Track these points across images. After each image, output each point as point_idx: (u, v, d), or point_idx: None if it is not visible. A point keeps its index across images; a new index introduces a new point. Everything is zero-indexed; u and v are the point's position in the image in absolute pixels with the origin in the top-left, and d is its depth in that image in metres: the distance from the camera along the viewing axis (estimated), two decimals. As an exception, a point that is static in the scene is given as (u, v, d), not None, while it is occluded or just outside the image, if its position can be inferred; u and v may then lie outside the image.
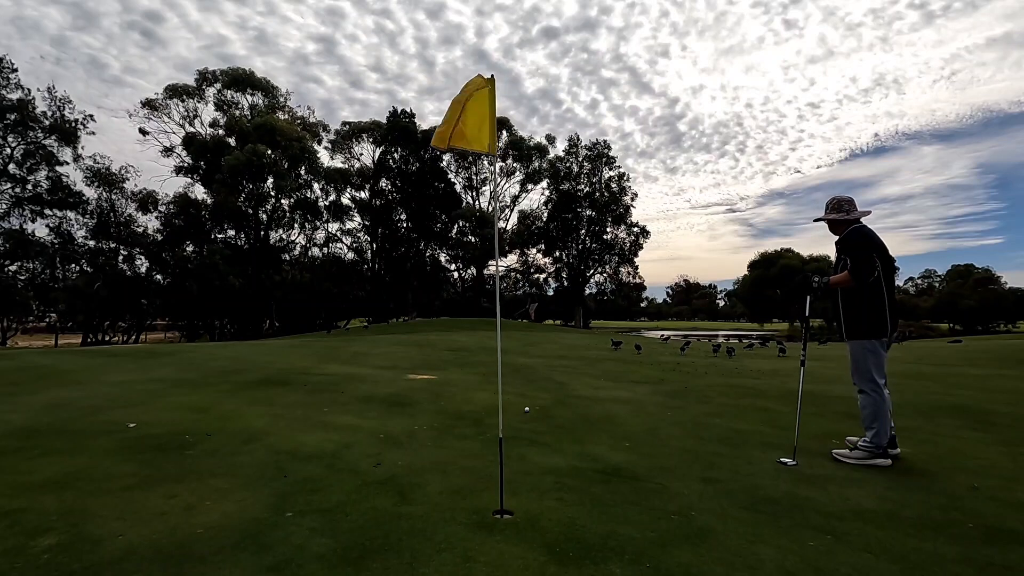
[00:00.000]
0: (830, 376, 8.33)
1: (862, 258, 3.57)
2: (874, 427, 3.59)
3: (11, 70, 29.18)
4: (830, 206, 3.91)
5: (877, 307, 3.60)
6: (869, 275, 3.55)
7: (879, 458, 3.57)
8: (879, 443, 3.57)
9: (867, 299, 3.61)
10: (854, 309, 3.67)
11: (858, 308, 3.65)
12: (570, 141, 47.40)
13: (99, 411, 4.84)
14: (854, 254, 3.61)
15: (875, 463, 3.57)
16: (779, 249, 61.95)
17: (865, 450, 3.61)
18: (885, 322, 3.61)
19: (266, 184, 37.41)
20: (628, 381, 7.82)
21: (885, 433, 3.59)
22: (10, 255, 30.04)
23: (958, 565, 2.20)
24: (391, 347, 12.96)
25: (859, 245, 3.62)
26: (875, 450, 3.58)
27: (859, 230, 3.72)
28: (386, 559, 2.15)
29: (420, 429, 4.46)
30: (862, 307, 3.63)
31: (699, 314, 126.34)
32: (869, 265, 3.55)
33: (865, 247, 3.60)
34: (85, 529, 2.39)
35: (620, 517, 2.62)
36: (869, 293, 3.60)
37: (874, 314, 3.61)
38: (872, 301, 3.61)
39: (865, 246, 3.60)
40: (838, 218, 3.84)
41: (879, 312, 3.60)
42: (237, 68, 38.73)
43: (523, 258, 49.17)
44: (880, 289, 3.60)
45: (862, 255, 3.57)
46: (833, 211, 3.88)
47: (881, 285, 3.60)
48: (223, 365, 8.34)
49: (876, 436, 3.58)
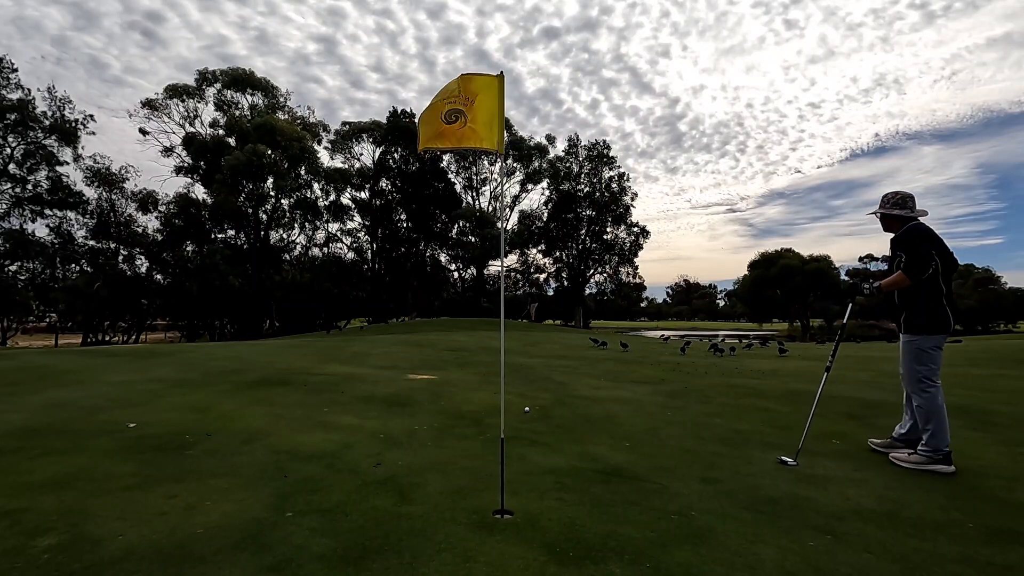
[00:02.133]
0: (830, 376, 8.31)
1: (918, 254, 3.46)
2: (929, 428, 3.43)
3: (11, 70, 29.22)
4: (891, 201, 3.72)
5: (935, 303, 3.49)
6: (923, 271, 3.44)
7: (939, 464, 3.38)
8: (936, 446, 3.40)
9: (924, 295, 3.50)
10: (912, 305, 3.56)
11: (916, 304, 3.54)
12: (570, 141, 47.48)
13: (99, 411, 4.84)
14: (910, 250, 3.50)
15: (934, 469, 3.37)
16: (779, 249, 61.85)
17: (923, 455, 3.45)
18: (946, 318, 3.48)
19: (266, 184, 37.44)
20: (628, 381, 7.82)
21: (944, 435, 3.41)
22: (10, 255, 30.05)
23: (958, 565, 2.20)
24: (391, 347, 12.95)
25: (916, 241, 3.50)
26: (933, 454, 3.40)
27: (916, 227, 3.60)
28: (386, 559, 2.15)
29: (420, 429, 4.46)
30: (919, 303, 3.52)
31: (699, 314, 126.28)
32: (924, 261, 3.44)
33: (922, 243, 3.49)
34: (85, 529, 2.39)
35: (620, 517, 2.62)
36: (927, 288, 3.49)
37: (932, 310, 3.49)
38: (930, 297, 3.49)
39: (922, 242, 3.49)
40: (901, 214, 3.66)
41: (938, 308, 3.48)
42: (237, 68, 38.76)
43: (523, 258, 49.21)
44: (938, 285, 3.49)
45: (918, 251, 3.46)
46: (895, 206, 3.70)
47: (939, 281, 3.49)
48: (223, 365, 8.34)
49: (932, 438, 3.41)
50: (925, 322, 3.52)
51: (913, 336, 3.56)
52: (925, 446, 3.46)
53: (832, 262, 58.43)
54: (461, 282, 50.30)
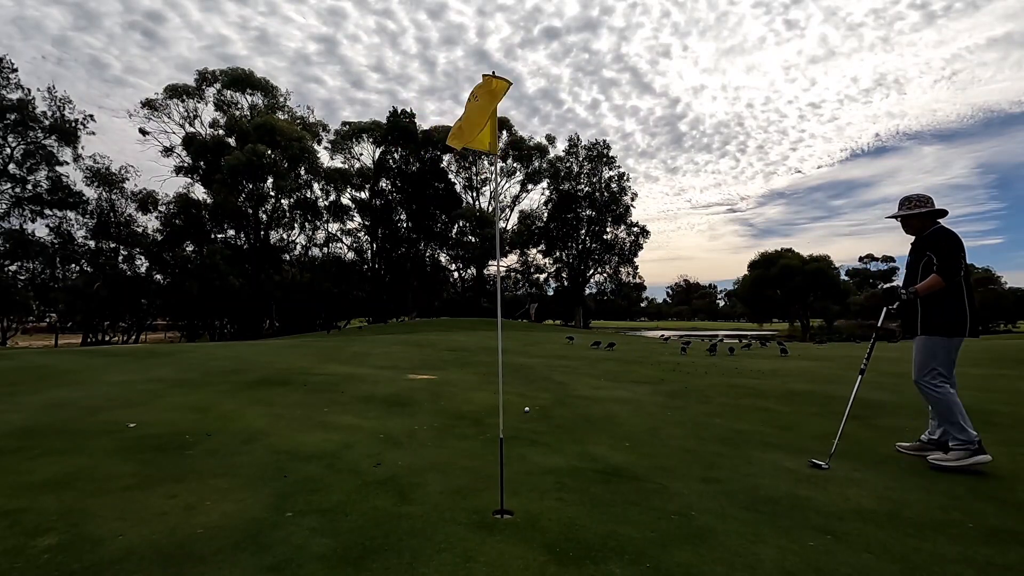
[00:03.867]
0: (830, 376, 8.33)
1: (954, 256, 3.50)
2: (954, 421, 3.44)
3: (11, 70, 29.25)
4: (918, 202, 3.77)
5: (957, 305, 3.54)
6: (958, 274, 3.51)
7: (978, 455, 3.39)
8: (969, 438, 3.41)
9: (947, 296, 3.55)
10: (934, 305, 3.59)
11: (937, 305, 3.58)
12: (570, 141, 47.48)
13: (99, 411, 4.84)
14: (946, 253, 3.53)
15: (976, 461, 3.38)
16: (779, 249, 61.77)
17: (959, 449, 3.44)
18: (965, 321, 3.53)
19: (266, 184, 37.47)
20: (628, 381, 7.82)
21: (968, 426, 3.43)
22: (10, 255, 30.06)
23: (958, 565, 2.20)
24: (391, 347, 12.95)
25: (952, 245, 3.55)
26: (969, 446, 3.41)
27: (947, 229, 3.65)
28: (386, 559, 2.15)
29: (420, 429, 4.46)
30: (942, 304, 3.56)
31: (699, 314, 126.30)
32: (959, 264, 3.50)
33: (958, 246, 3.55)
34: (85, 529, 2.39)
35: (620, 517, 2.62)
36: (951, 289, 3.54)
37: (953, 312, 3.54)
38: (953, 299, 3.54)
39: (958, 245, 3.55)
40: (926, 211, 3.72)
41: (959, 310, 3.54)
42: (237, 68, 38.81)
43: (523, 258, 49.22)
44: (961, 288, 3.55)
45: (954, 254, 3.51)
46: (919, 206, 3.75)
47: (962, 284, 3.55)
48: (223, 365, 8.34)
49: (962, 431, 3.42)
50: (943, 322, 3.56)
51: (930, 336, 3.59)
52: (958, 441, 3.46)
53: (832, 262, 58.43)
54: (461, 282, 50.33)
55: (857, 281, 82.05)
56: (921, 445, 3.87)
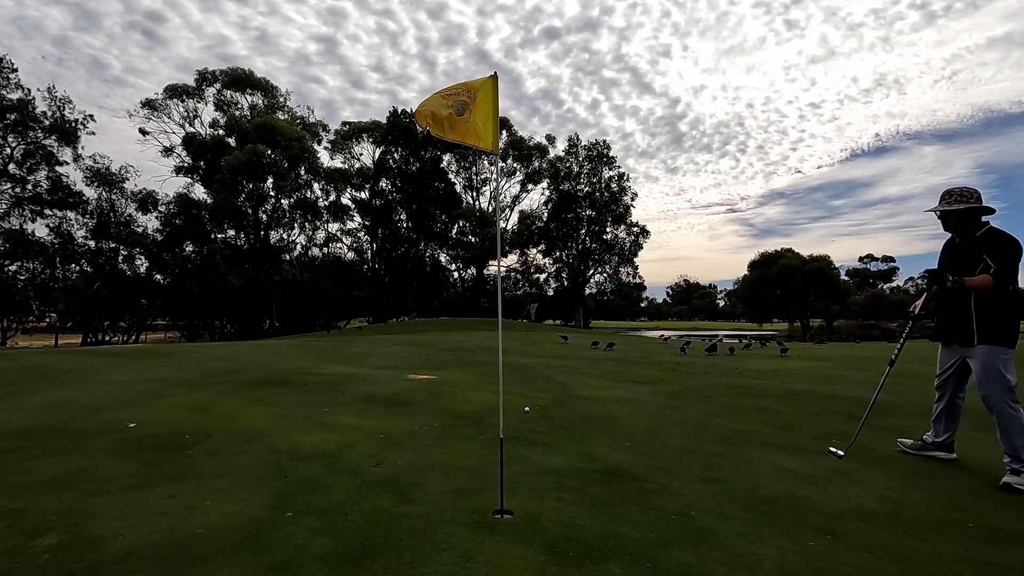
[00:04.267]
0: (830, 376, 8.33)
1: (1015, 265, 3.23)
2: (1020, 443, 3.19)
3: (11, 70, 29.25)
4: (960, 196, 3.44)
5: (1016, 314, 3.31)
6: (1013, 283, 3.27)
7: None
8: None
9: (1008, 304, 3.28)
10: (995, 313, 3.30)
11: (1000, 312, 3.30)
12: (570, 141, 47.52)
13: (99, 411, 4.84)
14: (1006, 256, 3.25)
15: None
16: (779, 249, 61.72)
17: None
18: (1018, 331, 3.31)
19: (266, 184, 37.48)
20: (628, 381, 7.82)
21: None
22: (10, 255, 30.07)
23: (958, 565, 2.20)
24: (391, 347, 12.96)
25: (1013, 249, 3.25)
26: None
27: (1006, 232, 3.33)
28: (386, 559, 2.15)
29: (420, 429, 4.46)
30: (1005, 311, 3.30)
31: (699, 314, 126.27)
32: (1016, 271, 3.25)
33: (1017, 251, 3.25)
34: (85, 529, 2.39)
35: (620, 517, 2.62)
36: (1011, 298, 3.28)
37: (1014, 322, 3.30)
38: (1014, 307, 3.30)
39: (1018, 251, 3.25)
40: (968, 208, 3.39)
41: (1017, 320, 3.31)
42: (236, 68, 38.83)
43: (523, 258, 49.22)
44: (1019, 296, 3.35)
45: (1016, 262, 3.23)
46: (960, 200, 3.43)
47: (1019, 292, 3.35)
48: (223, 365, 8.34)
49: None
50: (1005, 334, 3.31)
51: (998, 346, 3.31)
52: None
53: (832, 262, 58.37)
54: (461, 282, 50.34)
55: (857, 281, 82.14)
56: (923, 445, 3.86)
